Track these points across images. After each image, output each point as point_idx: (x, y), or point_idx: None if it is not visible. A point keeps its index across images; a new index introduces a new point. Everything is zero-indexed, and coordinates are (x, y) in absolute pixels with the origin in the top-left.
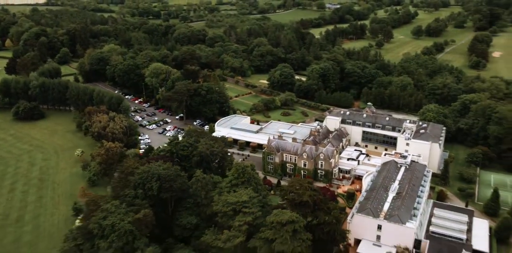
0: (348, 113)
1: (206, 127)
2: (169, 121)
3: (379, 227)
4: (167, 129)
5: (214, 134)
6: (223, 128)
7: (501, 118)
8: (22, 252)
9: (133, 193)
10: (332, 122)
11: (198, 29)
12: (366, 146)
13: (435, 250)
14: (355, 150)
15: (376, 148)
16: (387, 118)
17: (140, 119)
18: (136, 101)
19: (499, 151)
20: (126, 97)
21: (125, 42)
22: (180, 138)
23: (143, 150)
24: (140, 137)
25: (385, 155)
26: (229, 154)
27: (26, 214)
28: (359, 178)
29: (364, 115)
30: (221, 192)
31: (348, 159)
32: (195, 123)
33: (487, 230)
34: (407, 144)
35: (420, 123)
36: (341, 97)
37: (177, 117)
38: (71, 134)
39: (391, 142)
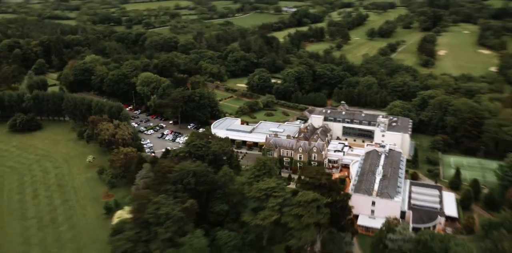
0: (329, 111)
1: (201, 130)
2: (164, 126)
3: (373, 203)
4: (165, 133)
5: None
6: (219, 130)
7: (455, 110)
8: (68, 248)
9: (173, 188)
10: (316, 120)
11: (169, 37)
12: (346, 139)
13: (417, 218)
14: (339, 143)
15: (354, 140)
16: (363, 114)
17: (136, 125)
18: (126, 109)
19: (455, 138)
20: None
21: (99, 51)
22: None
23: (148, 153)
24: (142, 142)
25: (367, 145)
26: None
27: (58, 216)
28: (345, 166)
29: (343, 113)
30: (246, 183)
31: (335, 151)
32: (189, 126)
33: (454, 200)
34: (383, 135)
35: (391, 117)
36: (315, 97)
37: (170, 122)
38: (73, 143)
39: (367, 135)
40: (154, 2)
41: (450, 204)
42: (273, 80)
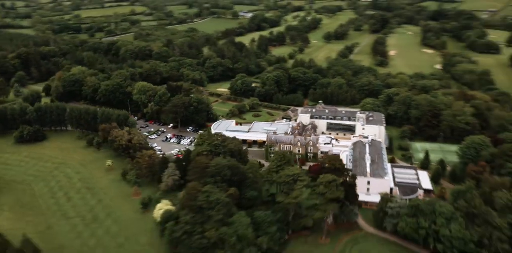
0: (314, 110)
1: (200, 132)
2: (164, 130)
3: (368, 182)
4: (168, 137)
5: None
6: (220, 131)
7: (418, 105)
8: (119, 238)
9: (213, 179)
10: (304, 118)
11: (143, 45)
12: (330, 133)
13: (402, 192)
14: (327, 137)
15: (337, 134)
16: (343, 112)
17: (138, 131)
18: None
19: (419, 127)
20: None
21: (78, 62)
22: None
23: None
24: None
25: (353, 137)
26: None
27: (98, 213)
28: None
29: (327, 111)
30: (272, 171)
31: (325, 144)
32: (188, 129)
33: (427, 177)
34: (363, 128)
35: (367, 112)
36: (294, 98)
37: (169, 126)
38: (83, 150)
39: (348, 129)
40: (107, 8)
41: (424, 179)
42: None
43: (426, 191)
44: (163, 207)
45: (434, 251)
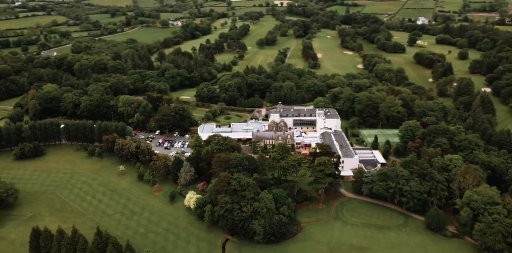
0: (282, 110)
1: (187, 136)
2: (153, 137)
3: (342, 162)
4: (160, 142)
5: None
6: (206, 133)
7: (360, 100)
8: (163, 223)
9: (236, 169)
10: (274, 116)
11: (97, 59)
12: (296, 128)
13: (366, 166)
14: (296, 130)
15: (302, 128)
16: (305, 109)
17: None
18: None
19: (363, 118)
20: None
21: (37, 79)
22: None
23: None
24: None
25: (320, 129)
26: None
27: (134, 208)
28: (306, 145)
29: (292, 110)
30: (276, 159)
31: (297, 136)
32: (174, 134)
33: (380, 154)
34: (325, 122)
35: (324, 109)
36: (254, 101)
37: (156, 133)
38: (87, 160)
39: (310, 123)
40: (22, 19)
41: (379, 156)
42: None
43: (382, 164)
44: (192, 196)
45: (398, 203)
